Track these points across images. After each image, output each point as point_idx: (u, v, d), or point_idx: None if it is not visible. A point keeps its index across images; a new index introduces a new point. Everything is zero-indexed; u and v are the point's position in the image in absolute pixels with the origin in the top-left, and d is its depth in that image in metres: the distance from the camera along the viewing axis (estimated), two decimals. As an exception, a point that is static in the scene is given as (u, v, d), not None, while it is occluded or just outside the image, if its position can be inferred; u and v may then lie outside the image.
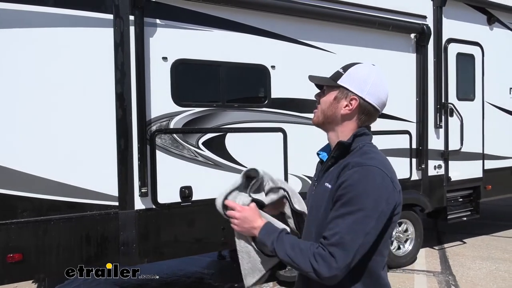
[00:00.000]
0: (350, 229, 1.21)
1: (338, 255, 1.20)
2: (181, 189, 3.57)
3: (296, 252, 1.27)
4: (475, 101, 5.48)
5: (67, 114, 3.17)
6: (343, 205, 1.23)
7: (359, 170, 1.25)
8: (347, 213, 1.22)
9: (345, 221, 1.21)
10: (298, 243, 1.31)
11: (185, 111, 3.60)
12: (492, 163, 5.61)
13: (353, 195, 1.22)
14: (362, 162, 1.27)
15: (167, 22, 3.53)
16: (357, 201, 1.22)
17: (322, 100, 1.41)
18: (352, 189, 1.23)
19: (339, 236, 1.20)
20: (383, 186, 1.25)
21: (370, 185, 1.23)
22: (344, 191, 1.24)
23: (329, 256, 1.20)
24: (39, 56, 3.08)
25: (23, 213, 3.03)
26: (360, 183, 1.23)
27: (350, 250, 1.20)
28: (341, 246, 1.20)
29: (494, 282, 4.52)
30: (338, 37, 4.36)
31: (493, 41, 5.61)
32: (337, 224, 1.22)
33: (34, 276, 3.49)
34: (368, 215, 1.21)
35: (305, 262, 1.24)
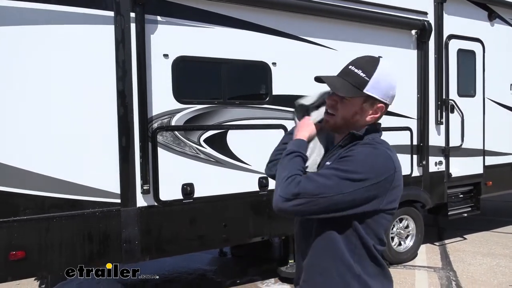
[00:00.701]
0: (328, 178, 1.22)
1: (304, 183, 1.22)
2: (183, 186, 3.58)
3: (287, 168, 1.28)
4: (475, 98, 5.48)
5: (69, 112, 3.17)
6: (337, 162, 1.26)
7: (370, 146, 1.27)
8: (335, 168, 1.24)
9: (329, 171, 1.24)
10: (296, 167, 1.29)
11: (186, 108, 3.60)
12: (493, 159, 5.62)
13: (351, 158, 1.24)
14: (373, 143, 1.29)
15: (168, 19, 3.52)
16: (351, 163, 1.23)
17: (344, 108, 1.32)
18: (354, 154, 1.25)
19: (317, 177, 1.23)
20: (381, 168, 1.25)
21: (371, 160, 1.24)
22: (346, 153, 1.27)
23: (296, 182, 1.22)
24: (40, 53, 3.07)
25: (26, 210, 3.04)
26: (362, 153, 1.25)
27: (314, 189, 1.21)
28: (312, 182, 1.22)
29: (494, 277, 4.54)
30: (339, 33, 4.35)
31: (494, 37, 5.60)
32: (321, 171, 1.28)
33: (37, 273, 3.50)
34: (352, 179, 1.21)
35: (283, 177, 1.26)
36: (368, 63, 1.31)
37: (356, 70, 1.30)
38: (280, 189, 1.24)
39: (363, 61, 1.32)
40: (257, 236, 4.04)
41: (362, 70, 1.29)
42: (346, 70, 1.34)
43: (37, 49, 3.06)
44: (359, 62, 1.32)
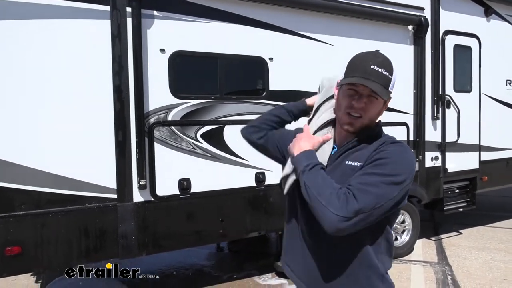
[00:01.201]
0: (377, 186, 1.21)
1: (360, 197, 1.19)
2: (180, 181, 3.57)
3: (327, 185, 1.24)
4: (472, 93, 5.49)
5: (65, 107, 3.15)
6: (375, 166, 1.24)
7: (398, 145, 1.31)
8: (378, 173, 1.23)
9: (375, 179, 1.22)
10: (330, 178, 1.28)
11: (183, 103, 3.59)
12: (489, 155, 5.65)
13: (389, 161, 1.24)
14: (397, 140, 1.34)
15: (165, 14, 3.50)
16: (391, 167, 1.23)
17: (373, 109, 1.34)
18: (389, 156, 1.25)
19: (367, 187, 1.20)
20: (414, 165, 1.31)
21: (406, 158, 1.27)
22: (380, 156, 1.26)
23: (353, 197, 1.19)
24: (35, 48, 3.05)
25: (21, 206, 3.03)
26: (397, 153, 1.27)
27: (371, 201, 1.19)
28: (366, 193, 1.20)
29: (489, 271, 4.58)
30: (336, 28, 4.34)
31: (490, 33, 5.62)
32: (365, 179, 1.23)
33: (33, 269, 3.50)
34: (396, 182, 1.22)
35: (330, 195, 1.20)
36: (386, 61, 1.33)
37: (380, 70, 1.31)
38: (334, 208, 1.18)
39: (381, 60, 1.33)
40: (253, 231, 4.05)
41: (385, 69, 1.31)
42: (371, 71, 1.31)
43: (32, 44, 3.04)
44: (378, 61, 1.32)
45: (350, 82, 1.31)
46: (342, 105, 1.37)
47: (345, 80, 1.33)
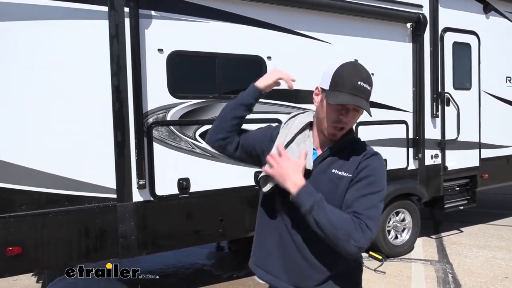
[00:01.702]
0: (376, 206, 1.41)
1: (372, 226, 1.36)
2: (179, 181, 3.58)
3: (340, 219, 1.35)
4: (471, 90, 5.48)
5: (64, 107, 3.16)
6: (368, 185, 1.42)
7: (377, 158, 1.48)
8: (372, 192, 1.41)
9: (373, 199, 1.40)
10: (338, 210, 1.39)
11: (181, 103, 3.60)
12: (489, 152, 5.64)
13: (377, 179, 1.43)
14: (375, 151, 1.50)
15: (162, 14, 3.51)
16: (379, 184, 1.43)
17: (356, 119, 1.46)
18: (375, 173, 1.44)
19: (371, 212, 1.38)
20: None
21: (383, 171, 1.48)
22: (368, 173, 1.43)
23: (366, 228, 1.35)
24: (34, 49, 3.06)
25: (22, 206, 3.04)
26: (380, 169, 1.46)
27: (377, 223, 1.41)
28: (374, 219, 1.38)
29: (490, 270, 4.57)
30: (335, 27, 4.34)
31: (489, 30, 5.61)
32: (366, 202, 1.39)
33: (34, 269, 3.52)
34: (383, 194, 1.45)
35: (346, 228, 1.33)
36: (369, 76, 1.43)
37: (365, 85, 1.41)
38: (355, 241, 1.32)
39: (366, 75, 1.42)
40: (253, 231, 4.04)
41: (368, 84, 1.42)
42: (359, 87, 1.40)
43: (30, 45, 3.05)
44: (363, 76, 1.41)
45: (344, 103, 1.39)
46: (328, 117, 1.45)
47: (337, 99, 1.39)
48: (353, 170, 1.44)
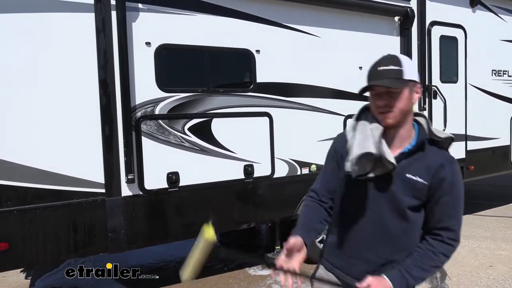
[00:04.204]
0: (460, 215, 1.51)
1: (458, 236, 1.50)
2: (168, 175, 3.58)
3: (431, 270, 1.49)
4: (458, 84, 5.56)
5: (51, 102, 3.13)
6: (454, 200, 1.48)
7: (455, 167, 1.50)
8: (457, 206, 1.50)
9: (458, 212, 1.50)
10: (424, 263, 1.47)
11: (170, 96, 3.58)
12: (475, 144, 5.73)
13: (459, 192, 1.50)
14: (451, 158, 1.52)
15: (150, 7, 3.48)
16: (461, 195, 1.50)
17: (399, 100, 1.44)
18: (457, 186, 1.49)
19: (457, 224, 1.50)
20: None
21: (461, 178, 1.54)
22: (452, 189, 1.48)
23: (455, 242, 1.49)
24: (18, 43, 3.01)
25: (8, 202, 3.01)
26: (460, 179, 1.51)
27: (461, 227, 1.52)
28: (459, 229, 1.51)
29: (475, 259, 4.67)
30: (323, 20, 4.35)
31: (476, 24, 5.67)
32: (453, 216, 1.49)
33: (21, 265, 3.49)
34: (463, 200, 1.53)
35: (440, 267, 1.52)
36: (392, 58, 1.47)
37: (387, 67, 1.44)
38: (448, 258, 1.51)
39: (387, 58, 1.48)
40: (243, 224, 4.08)
41: (392, 64, 1.44)
42: (378, 72, 1.46)
43: (15, 38, 3.00)
44: (384, 61, 1.47)
45: (364, 86, 1.47)
46: (372, 108, 1.51)
47: (362, 88, 1.49)
48: (429, 177, 1.47)
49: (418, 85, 1.50)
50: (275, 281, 4.22)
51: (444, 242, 1.47)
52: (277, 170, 4.09)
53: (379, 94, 1.45)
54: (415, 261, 1.47)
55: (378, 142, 1.45)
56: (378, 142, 1.45)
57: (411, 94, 1.47)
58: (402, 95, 1.44)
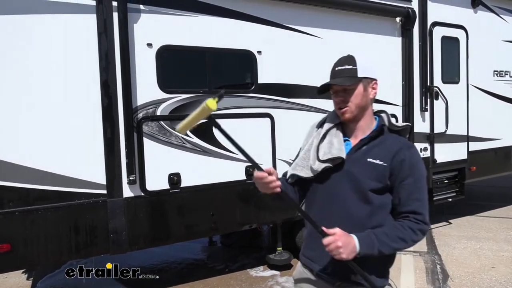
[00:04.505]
0: (425, 197, 1.60)
1: (426, 219, 1.57)
2: (170, 176, 3.57)
3: (399, 242, 1.54)
4: (459, 84, 5.54)
5: (52, 103, 3.13)
6: (415, 182, 1.57)
7: (414, 151, 1.62)
8: (420, 188, 1.58)
9: (421, 194, 1.58)
10: (391, 232, 1.54)
11: (171, 97, 3.58)
12: (477, 145, 5.72)
13: (420, 174, 1.59)
14: (409, 143, 1.65)
15: (151, 8, 3.48)
16: (422, 177, 1.60)
17: (353, 97, 1.59)
18: (417, 168, 1.59)
19: (423, 206, 1.57)
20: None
21: (422, 161, 1.63)
22: (412, 171, 1.57)
23: (423, 224, 1.56)
24: (20, 44, 3.02)
25: (10, 203, 3.01)
26: (419, 162, 1.61)
27: (428, 209, 1.60)
28: (426, 211, 1.58)
29: (478, 260, 4.65)
30: (324, 21, 4.35)
31: (477, 24, 5.66)
32: (418, 198, 1.57)
33: (23, 266, 3.50)
34: (425, 181, 1.63)
35: (408, 243, 1.55)
36: (348, 58, 1.63)
37: (342, 67, 1.61)
38: (417, 241, 1.57)
39: (343, 59, 1.63)
40: (245, 225, 4.07)
41: (347, 64, 1.61)
42: (335, 72, 1.62)
43: (17, 39, 3.00)
44: (341, 61, 1.63)
45: (323, 86, 1.65)
46: (334, 105, 1.68)
47: (320, 87, 1.67)
48: (389, 159, 1.57)
49: (375, 81, 1.64)
50: (276, 282, 4.22)
51: (412, 221, 1.55)
52: (279, 171, 4.07)
53: (336, 91, 1.62)
54: (384, 229, 1.55)
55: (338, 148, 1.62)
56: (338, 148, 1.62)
57: (366, 90, 1.62)
58: (356, 91, 1.59)
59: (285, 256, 4.38)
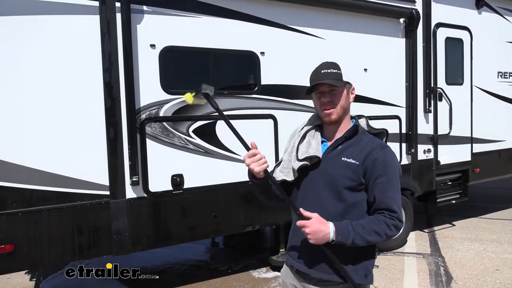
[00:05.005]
0: (398, 195, 1.67)
1: (400, 216, 1.64)
2: (173, 177, 3.57)
3: (373, 235, 1.60)
4: (463, 86, 5.52)
5: (55, 104, 3.13)
6: (389, 181, 1.64)
7: (387, 151, 1.68)
8: (393, 186, 1.65)
9: (394, 192, 1.65)
10: (367, 225, 1.60)
11: (174, 99, 3.58)
12: (480, 147, 5.69)
13: (393, 173, 1.66)
14: (383, 144, 1.70)
15: (154, 9, 3.48)
16: (395, 176, 1.67)
17: (339, 98, 1.68)
18: (390, 167, 1.65)
19: (396, 204, 1.64)
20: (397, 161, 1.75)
21: (396, 162, 1.70)
22: (386, 170, 1.64)
23: (397, 221, 1.63)
24: (23, 45, 3.02)
25: (13, 204, 3.02)
26: (392, 161, 1.67)
27: (401, 207, 1.67)
28: (399, 209, 1.65)
29: (481, 262, 4.63)
30: (327, 22, 4.34)
31: (482, 25, 5.63)
32: (391, 196, 1.64)
33: (27, 266, 3.50)
34: (399, 178, 1.69)
35: (382, 237, 1.60)
36: (332, 63, 1.71)
37: (328, 70, 1.68)
38: (391, 236, 1.63)
39: (328, 64, 1.71)
40: (247, 226, 4.06)
41: (333, 68, 1.69)
42: (321, 74, 1.68)
43: (20, 40, 3.01)
44: (325, 66, 1.70)
45: (310, 86, 1.70)
46: (317, 106, 1.74)
47: (308, 88, 1.72)
48: (362, 158, 1.64)
49: (353, 87, 1.75)
50: (279, 283, 4.21)
51: (386, 216, 1.62)
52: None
53: (323, 92, 1.69)
54: (360, 222, 1.61)
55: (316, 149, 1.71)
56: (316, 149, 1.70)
57: (348, 94, 1.72)
58: (343, 93, 1.69)
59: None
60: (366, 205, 1.68)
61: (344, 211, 1.64)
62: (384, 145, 1.69)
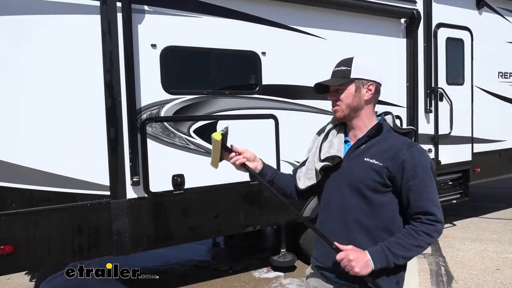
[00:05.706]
0: (434, 195, 1.55)
1: (440, 217, 1.53)
2: (173, 177, 3.56)
3: (415, 250, 1.52)
4: (464, 86, 5.52)
5: (56, 104, 3.12)
6: (421, 182, 1.53)
7: (414, 149, 1.56)
8: (427, 187, 1.54)
9: (429, 193, 1.54)
10: (406, 241, 1.51)
11: (175, 99, 3.57)
12: (481, 147, 5.69)
13: (425, 173, 1.54)
14: (410, 142, 1.60)
15: (155, 9, 3.47)
16: (428, 175, 1.55)
17: (343, 96, 1.63)
18: (420, 167, 1.54)
19: (433, 205, 1.53)
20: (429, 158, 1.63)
21: (427, 159, 1.58)
22: (416, 171, 1.53)
23: (438, 223, 1.52)
24: (24, 45, 3.01)
25: (13, 204, 3.00)
26: (422, 159, 1.56)
27: (440, 206, 1.56)
28: (438, 210, 1.54)
29: (482, 262, 4.63)
30: (329, 22, 4.33)
31: (482, 26, 5.63)
32: (426, 198, 1.53)
33: (26, 268, 3.49)
34: (433, 176, 1.57)
35: (424, 248, 1.53)
36: (344, 60, 1.69)
37: (338, 68, 1.67)
38: (432, 243, 1.57)
39: (342, 61, 1.69)
40: (248, 226, 4.05)
41: (342, 65, 1.67)
42: (332, 73, 1.69)
43: (20, 40, 3.00)
44: (339, 63, 1.69)
45: (314, 85, 1.72)
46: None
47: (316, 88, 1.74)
48: (387, 160, 1.55)
49: (370, 83, 1.64)
50: (280, 284, 4.20)
51: (424, 223, 1.52)
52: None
53: (330, 91, 1.69)
54: (397, 239, 1.52)
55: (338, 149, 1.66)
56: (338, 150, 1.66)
57: (359, 91, 1.63)
58: (347, 91, 1.63)
59: (289, 258, 4.37)
60: (398, 206, 1.59)
61: (369, 213, 1.57)
62: (410, 144, 1.58)
